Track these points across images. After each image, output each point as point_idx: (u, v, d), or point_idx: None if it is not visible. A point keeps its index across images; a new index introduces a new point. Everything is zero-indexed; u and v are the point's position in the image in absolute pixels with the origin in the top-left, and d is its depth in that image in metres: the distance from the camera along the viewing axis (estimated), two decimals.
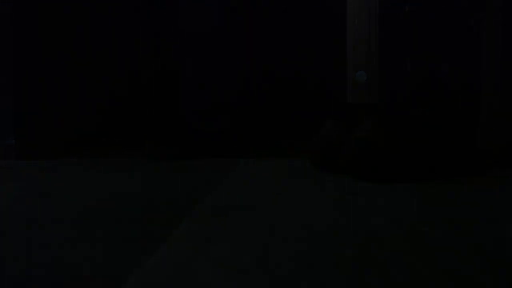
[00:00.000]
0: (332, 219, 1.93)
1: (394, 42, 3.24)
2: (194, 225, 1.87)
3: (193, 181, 2.75)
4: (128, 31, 3.44)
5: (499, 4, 3.11)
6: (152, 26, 3.42)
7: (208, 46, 3.41)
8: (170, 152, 3.42)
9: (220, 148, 3.44)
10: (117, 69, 3.48)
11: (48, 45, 3.50)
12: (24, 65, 3.48)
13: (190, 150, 3.43)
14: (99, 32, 3.48)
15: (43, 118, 3.52)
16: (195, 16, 3.37)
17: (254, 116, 3.42)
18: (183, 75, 3.42)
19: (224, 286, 1.30)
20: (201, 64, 3.43)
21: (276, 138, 3.39)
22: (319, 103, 3.32)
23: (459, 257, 1.50)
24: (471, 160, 3.04)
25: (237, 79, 3.43)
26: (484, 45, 3.17)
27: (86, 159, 3.46)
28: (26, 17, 3.46)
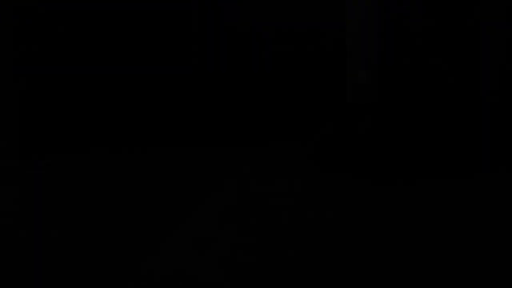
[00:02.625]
0: (327, 219, 1.94)
1: (394, 41, 3.25)
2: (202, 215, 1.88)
3: (198, 179, 2.75)
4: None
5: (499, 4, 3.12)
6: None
7: None
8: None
9: (223, 148, 3.45)
10: None
11: None
12: None
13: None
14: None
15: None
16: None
17: (254, 115, 3.42)
18: None
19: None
20: None
21: (277, 138, 3.40)
22: (319, 103, 3.33)
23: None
24: (473, 159, 3.03)
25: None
26: (484, 45, 3.18)
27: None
28: (27, 17, 3.47)
